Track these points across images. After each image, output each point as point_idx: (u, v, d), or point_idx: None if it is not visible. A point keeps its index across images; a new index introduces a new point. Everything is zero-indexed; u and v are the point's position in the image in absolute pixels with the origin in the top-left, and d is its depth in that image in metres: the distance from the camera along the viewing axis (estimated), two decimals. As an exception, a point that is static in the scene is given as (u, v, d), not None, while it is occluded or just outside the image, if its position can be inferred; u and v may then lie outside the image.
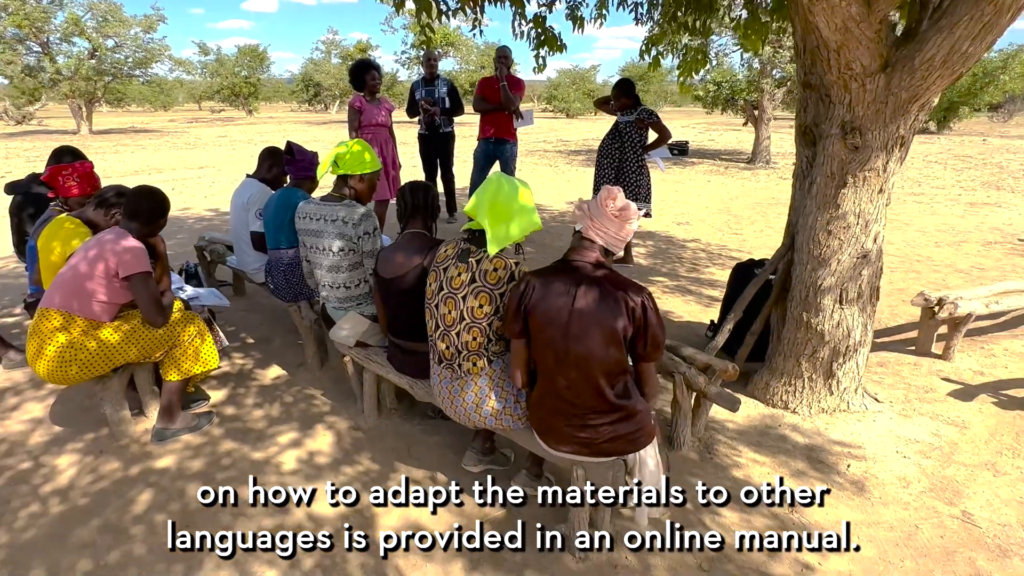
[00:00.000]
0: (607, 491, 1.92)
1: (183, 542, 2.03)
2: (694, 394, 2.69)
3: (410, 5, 3.71)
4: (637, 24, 4.66)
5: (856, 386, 3.03)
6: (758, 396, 3.19)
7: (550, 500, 2.11)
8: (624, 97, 5.33)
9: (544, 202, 8.64)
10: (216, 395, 3.17)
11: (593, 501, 2.00)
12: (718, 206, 8.87)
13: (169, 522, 2.11)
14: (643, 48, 4.79)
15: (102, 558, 2.08)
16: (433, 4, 3.54)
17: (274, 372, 3.46)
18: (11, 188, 3.61)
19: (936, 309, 3.58)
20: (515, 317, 1.90)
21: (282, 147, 3.61)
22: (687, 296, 4.88)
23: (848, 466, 2.62)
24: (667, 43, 4.70)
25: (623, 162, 5.35)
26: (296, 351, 3.68)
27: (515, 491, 2.13)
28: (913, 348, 3.84)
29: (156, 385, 2.92)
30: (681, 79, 4.94)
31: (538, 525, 2.11)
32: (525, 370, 1.96)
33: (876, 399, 3.18)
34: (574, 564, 2.05)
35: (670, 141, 5.83)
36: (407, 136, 8.18)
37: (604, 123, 19.87)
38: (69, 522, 2.24)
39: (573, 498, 2.00)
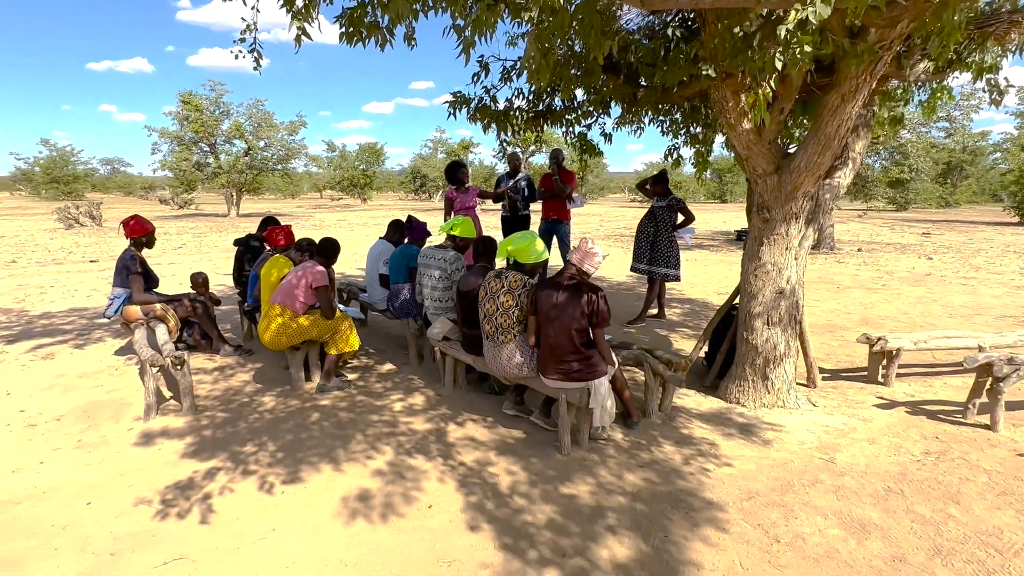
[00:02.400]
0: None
1: (340, 432, 3.63)
2: (659, 378, 4.04)
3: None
4: (663, 135, 6.29)
5: (788, 388, 4.22)
6: (720, 396, 4.44)
7: (546, 425, 3.55)
8: (659, 186, 6.89)
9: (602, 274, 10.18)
10: (352, 376, 4.85)
11: (570, 419, 3.42)
12: (763, 282, 9.96)
13: (323, 423, 3.74)
14: (666, 152, 6.38)
15: (296, 436, 3.71)
16: (508, 126, 5.35)
17: (387, 367, 5.13)
18: (237, 242, 5.69)
19: (873, 345, 4.70)
20: (530, 305, 3.44)
21: (403, 220, 5.46)
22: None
23: (765, 434, 3.82)
24: (683, 147, 6.26)
25: (657, 237, 6.81)
26: (402, 356, 5.35)
27: (507, 410, 3.62)
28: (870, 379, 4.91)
29: (320, 360, 4.65)
30: (697, 175, 6.46)
31: (539, 437, 3.53)
32: (533, 333, 3.47)
33: (812, 403, 4.33)
34: (561, 457, 3.44)
35: (739, 231, 7.24)
36: (494, 220, 10.09)
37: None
38: (277, 423, 3.92)
39: (550, 417, 3.44)
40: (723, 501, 2.98)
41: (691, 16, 4.44)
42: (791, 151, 3.98)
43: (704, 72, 3.67)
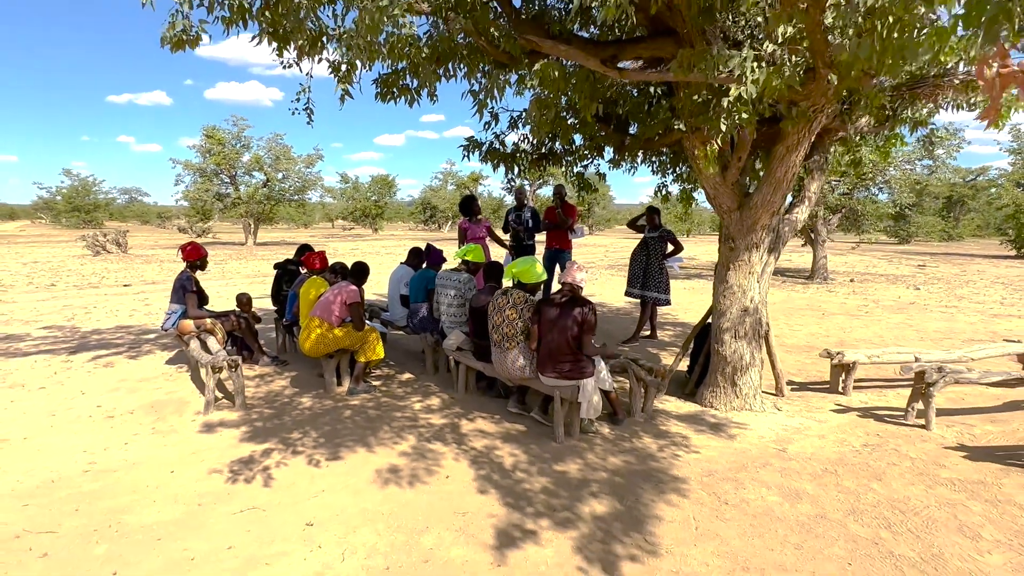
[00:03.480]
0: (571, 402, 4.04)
1: (370, 424, 4.33)
2: (641, 383, 4.71)
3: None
4: (653, 175, 7.07)
5: (754, 393, 4.88)
6: (697, 401, 5.10)
7: (544, 421, 4.23)
8: (654, 219, 7.64)
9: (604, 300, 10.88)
10: (376, 382, 5.55)
11: (564, 413, 4.10)
12: (754, 308, 10.63)
13: (355, 418, 4.43)
14: (656, 189, 7.15)
15: (333, 427, 4.40)
16: (515, 166, 6.13)
17: (407, 376, 5.83)
18: (276, 266, 6.47)
19: (833, 359, 5.36)
20: (533, 316, 4.16)
21: (422, 248, 6.23)
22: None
23: (731, 431, 4.48)
24: (671, 184, 7.04)
25: (648, 265, 7.54)
26: (420, 367, 6.05)
27: (512, 408, 4.30)
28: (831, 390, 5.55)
29: (350, 367, 5.36)
30: (683, 210, 7.21)
31: (538, 431, 4.21)
32: (535, 339, 4.18)
33: (777, 408, 4.98)
34: (555, 444, 4.11)
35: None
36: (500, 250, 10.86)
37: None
38: (316, 417, 4.61)
39: (547, 414, 4.12)
40: (686, 476, 3.63)
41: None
42: (751, 191, 4.73)
43: (676, 126, 4.45)
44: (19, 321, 8.45)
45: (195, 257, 5.82)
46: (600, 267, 18.32)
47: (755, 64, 3.15)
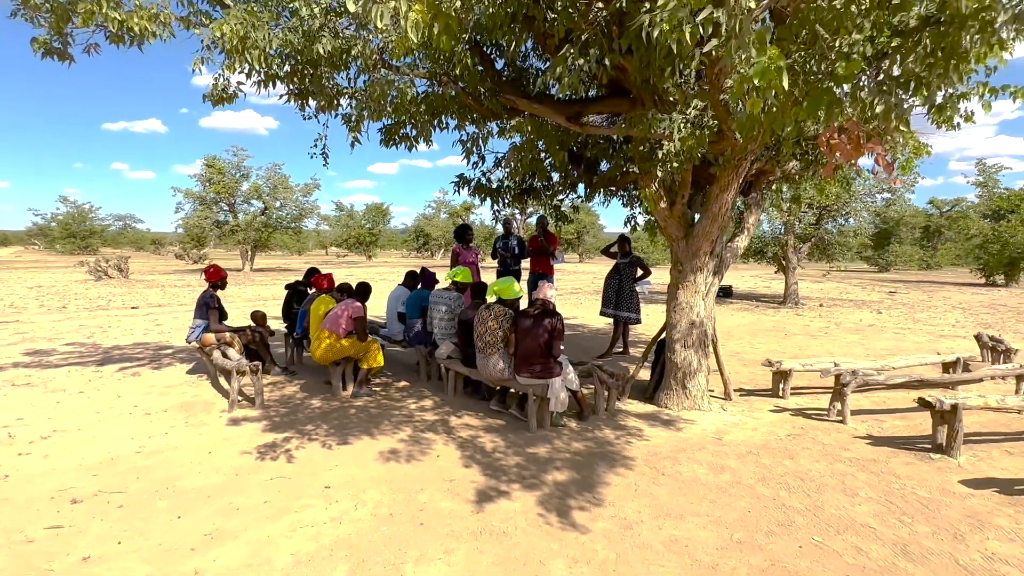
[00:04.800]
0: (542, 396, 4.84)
1: (372, 420, 5.11)
2: (604, 386, 5.51)
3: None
4: (623, 207, 7.97)
5: (702, 395, 5.69)
6: (654, 403, 5.90)
7: (520, 416, 5.03)
8: (624, 247, 8.53)
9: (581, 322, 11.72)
10: (376, 388, 6.32)
11: (536, 408, 4.90)
12: (723, 329, 11.50)
13: (359, 415, 5.21)
14: (625, 220, 8.04)
15: (340, 422, 5.16)
16: (500, 199, 7.02)
17: (403, 383, 6.60)
18: (288, 287, 7.28)
19: (772, 367, 6.20)
20: (512, 326, 4.99)
21: (417, 271, 7.06)
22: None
23: (679, 425, 5.28)
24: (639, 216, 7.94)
25: (621, 288, 8.40)
26: (414, 377, 6.83)
27: (493, 407, 5.10)
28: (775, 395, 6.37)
29: (354, 374, 6.13)
30: (650, 239, 8.11)
31: (515, 425, 5.00)
32: (513, 344, 4.99)
33: (723, 409, 5.79)
34: (529, 434, 4.89)
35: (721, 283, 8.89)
36: (490, 275, 11.73)
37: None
38: (325, 415, 5.37)
39: (524, 411, 4.92)
40: (634, 456, 4.43)
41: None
42: (695, 223, 5.61)
43: (632, 169, 5.35)
44: (42, 339, 9.17)
45: (217, 278, 6.62)
46: (586, 292, 19.18)
47: (681, 124, 4.05)
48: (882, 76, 3.06)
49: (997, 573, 2.93)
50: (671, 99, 4.43)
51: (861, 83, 3.00)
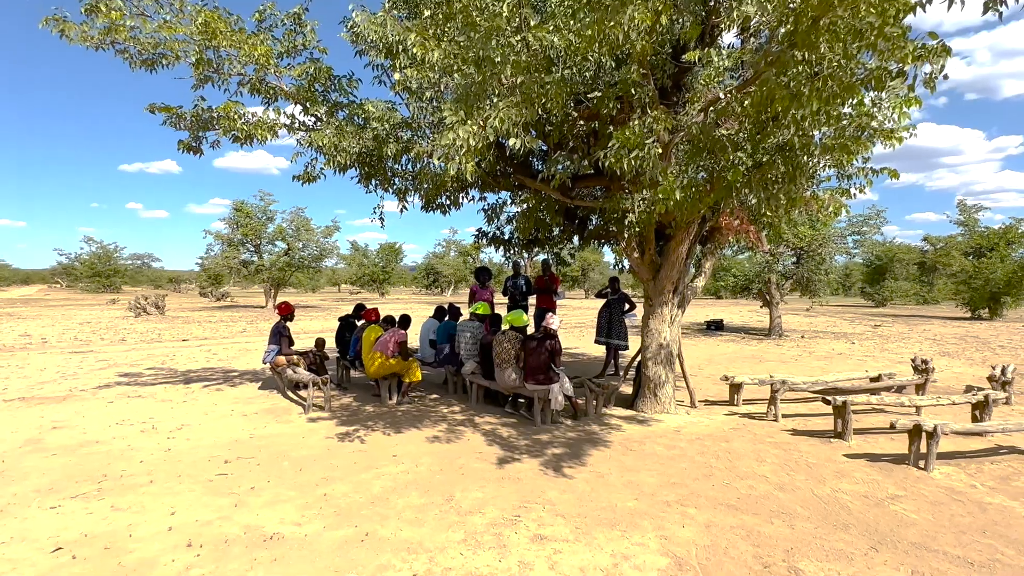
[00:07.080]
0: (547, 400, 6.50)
1: (416, 419, 6.77)
2: (593, 394, 7.15)
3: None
4: (613, 254, 9.72)
5: (669, 401, 7.31)
6: (633, 409, 7.51)
7: (528, 415, 6.68)
8: (614, 286, 10.26)
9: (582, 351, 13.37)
10: (415, 397, 7.97)
11: (540, 408, 6.55)
12: (707, 356, 13.11)
13: (405, 416, 6.87)
14: (614, 264, 9.79)
15: (391, 421, 6.81)
16: (511, 248, 8.80)
17: (435, 395, 8.25)
18: (341, 319, 9.02)
19: (727, 381, 7.82)
20: (522, 347, 6.68)
21: (445, 307, 8.81)
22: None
23: (650, 423, 6.88)
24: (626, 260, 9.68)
25: (611, 320, 10.09)
26: (443, 391, 8.48)
27: (507, 409, 6.77)
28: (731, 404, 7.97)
29: (398, 387, 7.80)
30: (635, 280, 9.82)
31: (524, 421, 6.65)
32: (522, 361, 6.66)
33: (687, 413, 7.39)
34: (535, 427, 6.52)
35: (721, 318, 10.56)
36: (500, 308, 13.47)
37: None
38: (379, 416, 7.03)
39: (531, 412, 6.57)
40: (612, 440, 6.05)
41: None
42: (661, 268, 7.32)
43: (611, 228, 7.10)
44: (124, 364, 10.91)
45: (287, 312, 8.37)
46: (589, 326, 20.84)
47: (639, 202, 5.81)
48: (756, 179, 4.83)
49: (837, 499, 4.53)
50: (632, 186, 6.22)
51: (739, 184, 4.76)
